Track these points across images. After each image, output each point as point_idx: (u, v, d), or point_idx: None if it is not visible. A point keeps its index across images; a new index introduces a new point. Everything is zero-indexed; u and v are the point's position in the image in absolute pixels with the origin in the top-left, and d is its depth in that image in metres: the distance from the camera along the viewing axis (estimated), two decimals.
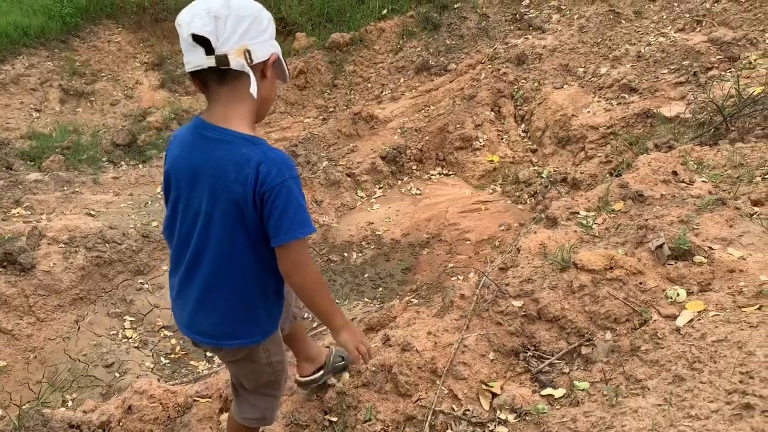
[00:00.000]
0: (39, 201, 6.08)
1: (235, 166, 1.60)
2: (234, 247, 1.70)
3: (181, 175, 1.70)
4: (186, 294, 1.81)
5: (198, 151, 1.66)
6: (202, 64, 1.56)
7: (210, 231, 1.68)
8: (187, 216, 1.72)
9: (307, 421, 2.41)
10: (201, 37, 1.53)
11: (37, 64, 9.31)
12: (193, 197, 1.69)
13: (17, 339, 4.61)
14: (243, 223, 1.66)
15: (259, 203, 1.62)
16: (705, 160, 3.68)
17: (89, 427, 2.59)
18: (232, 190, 1.61)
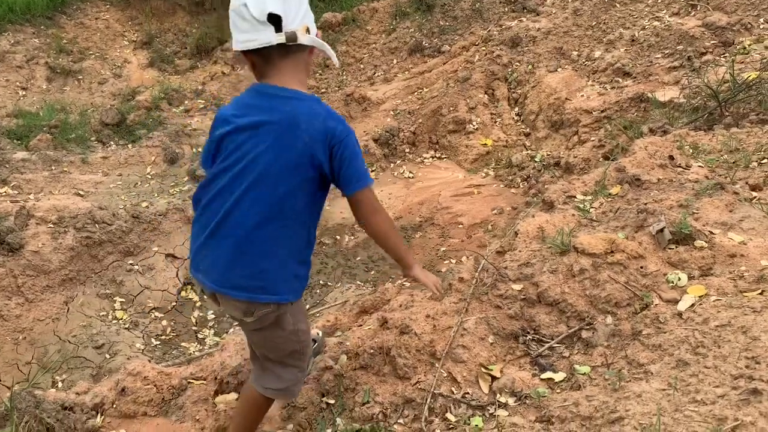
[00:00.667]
0: (26, 180, 5.99)
1: (305, 118, 1.73)
2: (286, 198, 1.78)
3: (240, 130, 1.78)
4: (220, 244, 1.82)
5: (262, 108, 1.77)
6: (272, 41, 1.71)
7: (264, 180, 1.76)
8: (238, 166, 1.77)
9: (304, 404, 2.39)
10: (275, 15, 1.69)
11: (22, 41, 9.14)
12: (249, 149, 1.76)
13: (5, 319, 4.56)
14: (301, 175, 1.77)
15: (328, 152, 1.75)
16: (700, 145, 3.68)
17: (82, 408, 2.56)
18: (300, 139, 1.73)
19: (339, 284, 4.99)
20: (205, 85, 8.58)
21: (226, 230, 1.81)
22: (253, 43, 1.73)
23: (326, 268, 5.15)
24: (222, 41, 9.77)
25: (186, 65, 9.53)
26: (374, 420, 2.15)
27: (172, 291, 5.18)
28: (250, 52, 1.77)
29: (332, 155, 1.76)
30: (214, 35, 9.79)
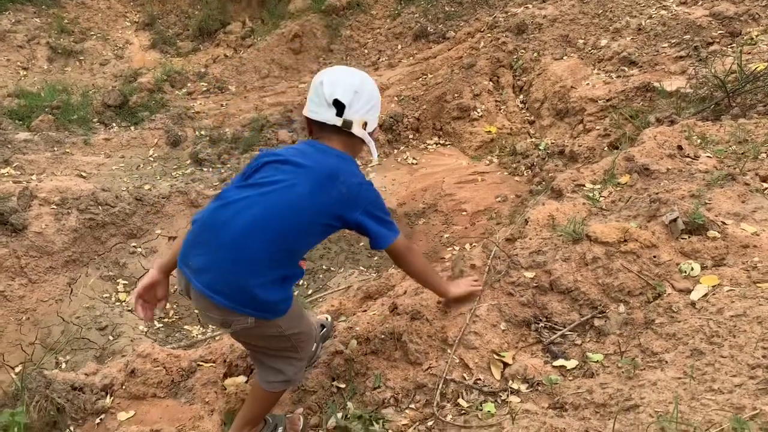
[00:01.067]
0: (29, 161, 5.97)
1: (345, 174, 1.97)
2: (302, 232, 1.94)
3: (286, 162, 1.98)
4: (220, 249, 1.88)
5: (309, 155, 2.00)
6: (330, 120, 2.01)
7: (290, 209, 1.90)
8: (270, 187, 1.93)
9: (314, 387, 2.40)
10: (340, 103, 1.99)
11: (24, 20, 9.07)
12: (288, 178, 1.93)
13: (9, 300, 4.56)
14: (325, 220, 1.95)
15: (361, 211, 1.98)
16: (708, 136, 3.67)
17: (92, 389, 2.57)
18: (336, 189, 1.94)
19: (342, 269, 5.00)
20: (208, 68, 8.53)
21: (232, 238, 1.87)
22: (316, 115, 2.04)
23: (329, 253, 5.16)
24: (224, 23, 9.70)
25: (188, 47, 9.48)
26: (385, 404, 2.16)
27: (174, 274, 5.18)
28: (312, 120, 2.06)
29: (365, 215, 1.98)
30: (217, 17, 9.73)
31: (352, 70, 2.10)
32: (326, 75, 2.04)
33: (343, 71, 2.08)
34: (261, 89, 7.93)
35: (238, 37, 9.29)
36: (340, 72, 2.07)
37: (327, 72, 2.06)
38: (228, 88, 8.01)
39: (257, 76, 8.10)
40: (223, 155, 6.30)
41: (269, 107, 7.34)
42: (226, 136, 6.64)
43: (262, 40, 8.58)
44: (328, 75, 2.04)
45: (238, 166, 5.87)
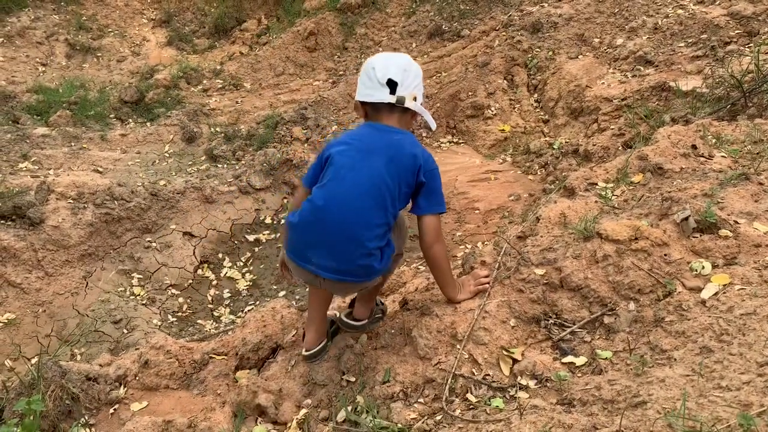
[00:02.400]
0: (46, 156, 6.05)
1: (409, 145, 2.24)
2: (390, 203, 2.20)
3: (354, 149, 2.25)
4: (335, 241, 2.20)
5: (373, 138, 2.27)
6: (385, 99, 2.24)
7: (375, 188, 2.18)
8: (350, 177, 2.20)
9: (324, 381, 2.42)
10: (392, 81, 2.21)
11: (43, 17, 9.19)
12: (363, 165, 2.20)
13: (26, 293, 4.63)
14: (404, 186, 2.22)
15: (419, 177, 2.22)
16: (723, 135, 3.64)
17: (106, 380, 2.61)
18: (407, 157, 2.21)
19: None
20: (224, 65, 8.60)
21: (338, 230, 2.19)
22: (371, 97, 2.26)
23: None
24: (240, 21, 9.76)
25: (204, 44, 9.55)
26: (394, 398, 2.17)
27: (188, 269, 5.24)
28: (367, 103, 2.29)
29: (420, 180, 2.22)
30: (233, 15, 9.79)
31: (396, 53, 2.36)
32: (376, 60, 2.25)
33: (388, 55, 2.32)
34: (276, 86, 7.98)
35: (253, 34, 9.35)
36: (387, 55, 2.29)
37: (375, 58, 2.28)
38: (243, 86, 8.07)
39: (272, 73, 8.14)
40: (238, 152, 6.35)
41: (284, 104, 7.39)
42: (241, 133, 6.69)
43: (278, 38, 8.63)
44: (378, 60, 2.26)
45: (252, 162, 5.91)
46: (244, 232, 5.60)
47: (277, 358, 2.72)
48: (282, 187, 5.85)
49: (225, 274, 5.30)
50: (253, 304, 4.90)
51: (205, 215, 5.53)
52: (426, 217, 2.26)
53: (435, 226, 2.27)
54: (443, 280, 2.40)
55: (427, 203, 2.26)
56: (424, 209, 2.26)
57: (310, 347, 2.51)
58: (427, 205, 2.26)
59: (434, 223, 2.27)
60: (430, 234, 2.26)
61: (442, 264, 2.35)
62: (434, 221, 2.27)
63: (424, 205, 2.26)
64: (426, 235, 2.26)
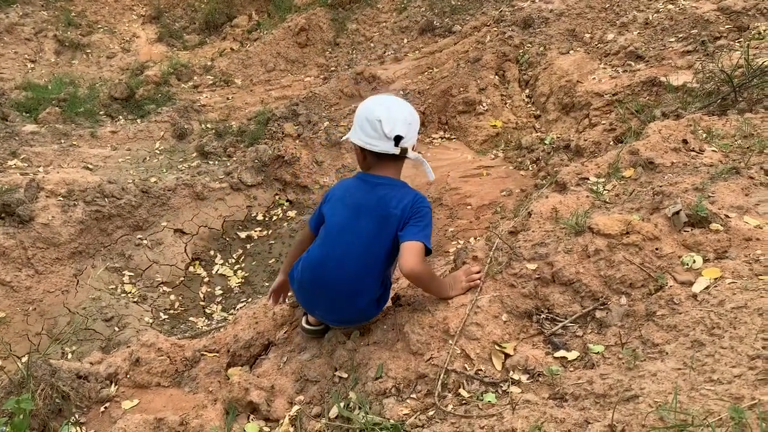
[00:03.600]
0: (36, 153, 6.01)
1: (394, 202, 2.30)
2: (378, 255, 2.33)
3: (346, 210, 2.37)
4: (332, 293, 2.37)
5: (365, 195, 2.36)
6: (390, 151, 2.30)
7: (364, 245, 2.32)
8: (345, 233, 2.35)
9: (317, 377, 2.42)
10: (399, 136, 2.28)
11: (31, 13, 9.11)
12: (354, 227, 2.33)
13: (16, 291, 4.60)
14: (388, 236, 2.31)
15: (404, 222, 2.28)
16: (714, 130, 3.66)
17: (96, 378, 2.60)
18: (392, 218, 2.29)
19: None
20: (214, 61, 8.55)
21: (337, 290, 2.35)
22: (375, 147, 2.31)
23: None
24: (231, 17, 9.72)
25: (195, 41, 9.50)
26: (386, 394, 2.17)
27: (180, 266, 5.22)
28: (367, 150, 2.35)
29: (411, 215, 2.29)
30: (224, 11, 9.75)
31: (399, 102, 2.38)
32: (381, 112, 2.27)
33: (393, 105, 2.33)
34: (267, 83, 7.95)
35: (244, 30, 9.31)
36: (390, 106, 2.32)
37: (379, 109, 2.29)
38: (234, 82, 8.03)
39: (263, 69, 8.11)
40: (229, 148, 6.32)
41: (275, 100, 7.36)
42: (232, 129, 6.66)
43: (269, 34, 8.59)
44: (382, 112, 2.27)
45: (244, 159, 5.89)
46: (235, 229, 5.58)
47: (269, 355, 2.71)
48: (274, 184, 5.83)
49: (217, 271, 5.29)
50: (245, 301, 4.88)
51: (196, 212, 5.51)
52: (407, 243, 2.23)
53: (416, 250, 2.21)
54: (434, 293, 2.40)
55: (409, 231, 2.25)
56: (406, 236, 2.25)
57: (314, 324, 2.64)
58: (411, 233, 2.25)
59: (416, 247, 2.22)
60: (409, 256, 2.20)
61: (427, 286, 2.37)
62: (416, 245, 2.22)
63: (407, 233, 2.25)
64: (404, 259, 2.21)
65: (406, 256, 2.20)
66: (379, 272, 2.35)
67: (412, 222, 2.27)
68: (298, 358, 2.58)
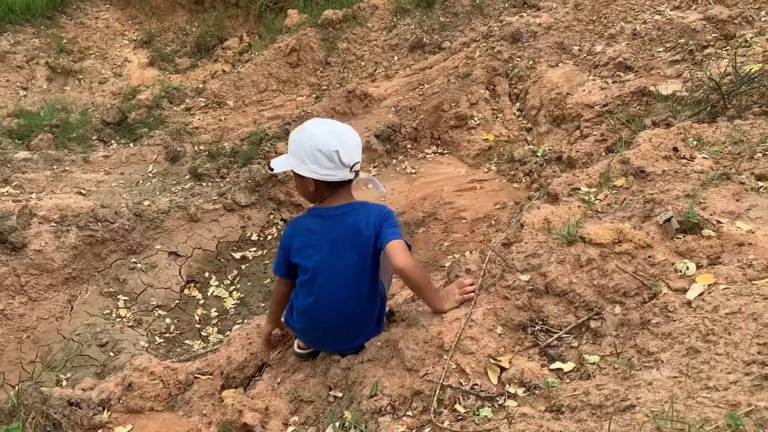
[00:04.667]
0: (28, 180, 5.99)
1: (363, 225, 2.35)
2: (363, 280, 2.40)
3: (322, 252, 2.38)
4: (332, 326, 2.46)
5: (333, 230, 2.38)
6: (345, 177, 2.32)
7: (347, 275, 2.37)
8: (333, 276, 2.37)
9: (311, 397, 2.39)
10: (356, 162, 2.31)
11: (23, 41, 9.14)
12: (338, 266, 2.36)
13: (9, 319, 4.56)
14: (370, 259, 2.37)
15: (379, 225, 2.34)
16: (704, 137, 3.67)
17: (89, 404, 2.56)
18: (368, 239, 2.33)
19: None
20: (206, 84, 8.57)
21: (333, 327, 2.45)
22: (332, 177, 2.30)
23: None
24: (222, 39, 9.76)
25: (186, 64, 9.53)
26: (382, 412, 2.14)
27: (175, 289, 5.18)
28: (320, 180, 2.32)
29: (381, 225, 2.33)
30: (215, 33, 9.79)
31: (345, 128, 2.34)
32: (335, 143, 2.24)
33: (343, 133, 2.30)
34: (259, 103, 7.96)
35: (235, 52, 9.35)
36: (343, 135, 2.29)
37: (331, 138, 2.25)
38: (226, 103, 8.04)
39: (255, 90, 8.13)
40: (222, 169, 6.32)
41: (267, 120, 7.37)
42: (225, 151, 6.65)
43: (260, 55, 8.63)
44: (336, 142, 2.25)
45: (237, 179, 5.88)
46: (230, 250, 5.55)
47: (263, 376, 2.68)
48: (268, 203, 5.82)
49: (212, 293, 5.25)
50: (241, 322, 4.85)
51: (190, 234, 5.48)
52: (391, 242, 2.27)
53: (399, 247, 2.26)
54: (427, 297, 2.39)
55: (387, 234, 2.31)
56: (386, 239, 2.29)
57: (305, 348, 2.67)
58: (388, 234, 2.30)
59: (399, 244, 2.26)
60: (398, 255, 2.24)
61: (420, 281, 2.35)
62: (399, 242, 2.27)
63: (385, 236, 2.30)
64: (395, 257, 2.24)
65: (395, 254, 2.24)
66: (373, 291, 2.43)
67: (385, 227, 2.32)
68: (292, 378, 2.55)
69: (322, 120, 2.43)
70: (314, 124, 2.36)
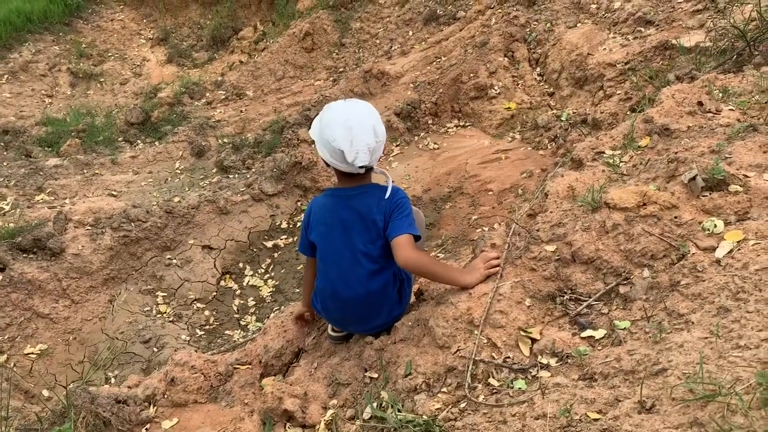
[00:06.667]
0: (61, 186, 6.13)
1: (374, 207, 2.37)
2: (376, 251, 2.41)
3: (334, 232, 2.43)
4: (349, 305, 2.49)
5: (345, 211, 2.42)
6: (355, 170, 2.33)
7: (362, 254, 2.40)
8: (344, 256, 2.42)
9: (348, 380, 2.43)
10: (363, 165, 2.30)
11: (43, 49, 9.30)
12: (348, 245, 2.40)
13: (55, 322, 4.71)
14: (380, 236, 2.39)
15: (390, 212, 2.36)
16: (730, 88, 3.57)
17: (135, 401, 2.65)
18: (378, 221, 2.36)
19: None
20: (225, 76, 8.63)
21: (351, 309, 2.49)
22: (341, 168, 2.35)
23: None
24: (237, 30, 9.79)
25: (204, 57, 9.60)
26: (417, 390, 2.17)
27: (211, 281, 5.28)
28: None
29: (393, 211, 2.36)
30: (229, 24, 9.82)
31: (363, 121, 2.27)
32: (343, 142, 2.23)
33: (356, 130, 2.24)
34: (278, 91, 7.99)
35: (251, 41, 9.38)
36: (355, 132, 2.23)
37: (341, 135, 2.23)
38: (246, 94, 8.09)
39: (273, 78, 8.16)
40: (248, 160, 6.38)
41: (287, 108, 7.40)
42: (249, 142, 6.71)
43: (275, 42, 8.64)
44: (345, 142, 2.23)
45: (263, 169, 5.93)
46: (261, 240, 5.62)
47: (300, 362, 2.73)
48: (294, 191, 5.87)
49: (248, 282, 5.34)
50: (278, 309, 4.92)
51: (221, 227, 5.57)
52: (396, 238, 2.31)
53: (405, 242, 2.29)
54: (443, 280, 2.44)
55: (394, 227, 2.34)
56: (392, 233, 2.33)
57: (339, 331, 2.73)
58: (396, 228, 2.33)
59: (404, 239, 2.30)
60: (400, 249, 2.28)
61: (426, 272, 2.41)
62: (404, 238, 2.30)
63: (393, 229, 2.34)
64: (397, 253, 2.29)
65: (397, 251, 2.29)
66: (389, 270, 2.44)
67: (394, 216, 2.35)
68: (328, 363, 2.59)
69: (347, 105, 2.35)
70: (336, 109, 2.32)
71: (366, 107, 2.36)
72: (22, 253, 4.85)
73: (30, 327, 4.60)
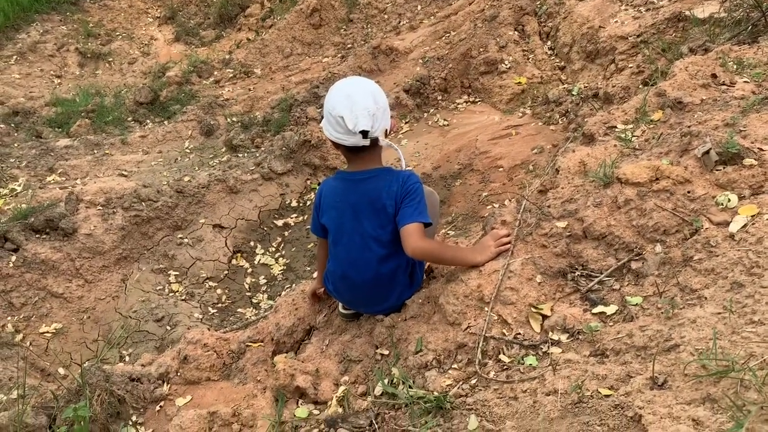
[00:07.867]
0: (72, 166, 6.16)
1: (384, 192, 2.34)
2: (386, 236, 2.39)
3: (344, 217, 2.43)
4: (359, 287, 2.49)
5: (354, 195, 2.40)
6: (360, 143, 2.28)
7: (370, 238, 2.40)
8: (354, 240, 2.43)
9: (359, 356, 2.44)
10: (365, 131, 2.23)
11: (51, 29, 9.28)
12: (358, 229, 2.40)
13: (69, 302, 4.76)
14: (390, 222, 2.36)
15: (401, 198, 2.32)
16: (745, 60, 3.50)
17: (149, 379, 2.67)
18: (388, 207, 2.34)
19: None
20: (232, 54, 8.59)
21: (361, 291, 2.50)
22: (345, 142, 2.30)
23: None
24: (244, 7, 9.72)
25: (211, 36, 9.55)
26: (428, 367, 2.17)
27: (222, 260, 5.31)
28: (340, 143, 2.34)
29: (404, 198, 2.32)
30: (236, 2, 9.75)
31: (362, 92, 2.26)
32: (341, 107, 2.22)
33: (356, 97, 2.23)
34: (286, 69, 7.95)
35: (258, 19, 9.31)
36: (355, 99, 2.23)
37: (340, 102, 2.23)
38: (254, 72, 8.05)
39: (281, 56, 8.11)
40: (256, 139, 6.37)
41: (296, 85, 7.36)
42: (257, 120, 6.70)
43: (282, 19, 8.57)
44: (343, 107, 2.22)
45: (272, 147, 5.92)
46: (272, 218, 5.64)
47: (311, 339, 2.75)
48: (304, 169, 5.86)
49: (259, 261, 5.36)
50: (289, 287, 4.95)
51: (232, 206, 5.58)
52: (405, 226, 2.29)
53: (414, 231, 2.27)
54: (454, 262, 2.44)
55: (404, 214, 2.31)
56: (402, 221, 2.31)
57: (348, 308, 2.72)
58: (405, 215, 2.30)
59: (413, 228, 2.27)
60: (408, 238, 2.27)
61: (435, 258, 2.46)
62: (413, 227, 2.28)
63: (402, 217, 2.31)
64: (405, 242, 2.28)
65: (406, 240, 2.27)
66: (400, 255, 2.39)
67: (405, 203, 2.31)
68: (339, 340, 2.61)
69: (349, 79, 2.43)
70: (338, 83, 2.37)
71: (365, 80, 2.40)
72: (35, 234, 4.89)
73: (45, 306, 4.65)
